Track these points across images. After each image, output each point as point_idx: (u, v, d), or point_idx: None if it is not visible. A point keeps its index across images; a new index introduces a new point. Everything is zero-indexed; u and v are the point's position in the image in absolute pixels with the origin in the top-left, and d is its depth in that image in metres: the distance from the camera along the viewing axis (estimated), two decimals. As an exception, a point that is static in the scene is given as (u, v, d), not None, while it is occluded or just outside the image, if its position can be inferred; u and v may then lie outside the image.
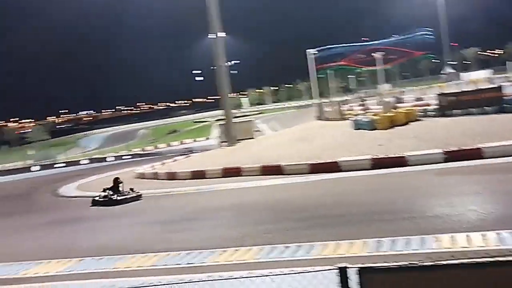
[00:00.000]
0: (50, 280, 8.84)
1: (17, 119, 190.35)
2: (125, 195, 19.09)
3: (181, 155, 41.24)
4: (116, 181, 19.63)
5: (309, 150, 22.62)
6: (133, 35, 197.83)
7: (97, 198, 19.48)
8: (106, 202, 18.85)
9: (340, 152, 20.51)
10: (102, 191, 19.49)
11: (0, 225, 18.40)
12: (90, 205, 19.33)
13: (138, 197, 19.27)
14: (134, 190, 19.64)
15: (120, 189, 19.42)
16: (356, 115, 27.80)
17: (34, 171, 51.83)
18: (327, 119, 31.25)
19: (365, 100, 43.87)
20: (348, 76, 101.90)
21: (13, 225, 17.76)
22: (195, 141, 70.95)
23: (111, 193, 19.16)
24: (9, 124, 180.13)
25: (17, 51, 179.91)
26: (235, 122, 37.23)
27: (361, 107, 36.25)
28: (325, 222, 10.50)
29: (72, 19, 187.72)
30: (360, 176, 17.00)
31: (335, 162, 18.89)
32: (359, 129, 24.02)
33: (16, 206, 24.49)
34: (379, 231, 9.14)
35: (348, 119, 26.78)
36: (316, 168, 19.21)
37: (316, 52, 63.92)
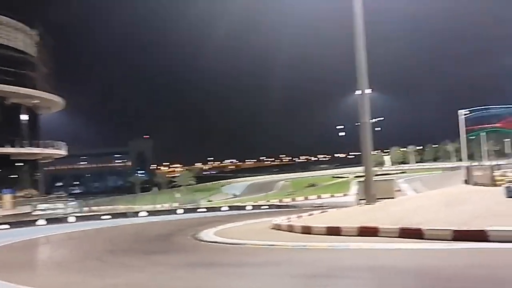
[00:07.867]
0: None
1: (168, 163, 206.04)
2: None
3: (317, 208, 41.16)
4: None
5: (454, 215, 21.12)
6: (279, 88, 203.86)
7: None
8: None
9: (490, 221, 18.79)
10: None
11: (147, 262, 19.71)
12: None
13: None
14: None
15: None
16: (510, 181, 25.53)
17: (179, 213, 55.12)
18: (476, 184, 29.15)
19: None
20: (503, 140, 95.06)
21: (155, 264, 18.97)
22: (332, 196, 70.44)
23: None
24: (162, 168, 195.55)
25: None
26: (375, 180, 36.28)
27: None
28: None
29: (222, 73, 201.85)
30: (512, 249, 15.41)
31: (483, 230, 17.36)
32: (513, 197, 21.96)
33: (158, 246, 26.11)
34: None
35: (500, 186, 24.71)
36: (461, 235, 17.78)
37: (469, 112, 60.71)
